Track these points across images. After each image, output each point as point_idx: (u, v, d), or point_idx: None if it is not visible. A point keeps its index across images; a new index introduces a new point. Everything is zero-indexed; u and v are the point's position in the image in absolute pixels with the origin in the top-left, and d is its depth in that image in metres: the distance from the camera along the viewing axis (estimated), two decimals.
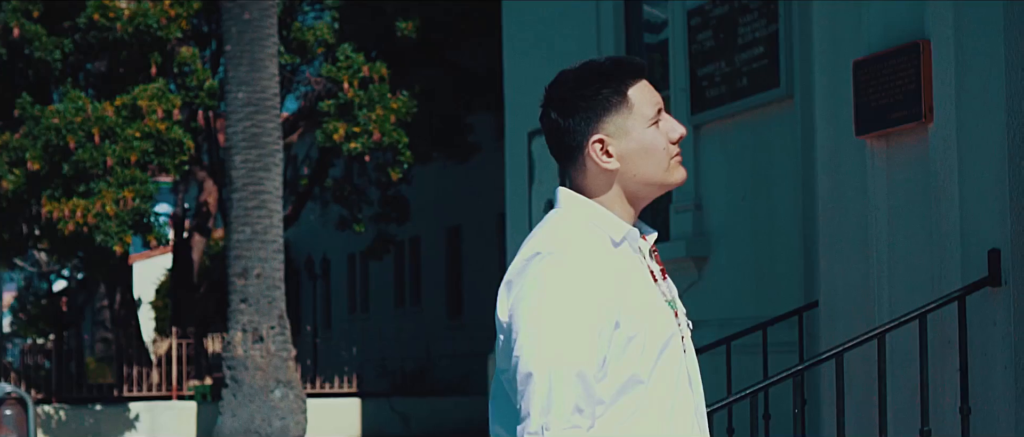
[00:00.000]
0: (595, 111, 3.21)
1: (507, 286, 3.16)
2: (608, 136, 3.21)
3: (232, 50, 19.52)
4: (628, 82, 3.23)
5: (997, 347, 7.10)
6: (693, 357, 3.30)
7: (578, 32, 14.40)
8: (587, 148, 3.21)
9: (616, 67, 3.26)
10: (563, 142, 3.24)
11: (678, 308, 3.30)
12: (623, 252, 3.20)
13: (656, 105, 3.25)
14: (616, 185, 3.23)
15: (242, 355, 19.51)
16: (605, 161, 3.21)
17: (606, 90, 3.22)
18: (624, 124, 3.21)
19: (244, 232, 19.48)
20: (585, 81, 3.24)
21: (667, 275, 3.37)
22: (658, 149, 3.23)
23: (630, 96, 3.23)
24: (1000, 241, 7.11)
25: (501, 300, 3.17)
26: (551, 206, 3.29)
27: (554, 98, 3.26)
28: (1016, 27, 7.16)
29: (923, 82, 7.50)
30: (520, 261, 3.16)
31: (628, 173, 3.22)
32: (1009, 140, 7.10)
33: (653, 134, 3.23)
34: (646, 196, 3.26)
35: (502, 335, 3.15)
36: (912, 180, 7.67)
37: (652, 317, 3.16)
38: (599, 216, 3.21)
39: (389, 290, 33.47)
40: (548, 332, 3.05)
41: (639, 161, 3.22)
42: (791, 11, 11.27)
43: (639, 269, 3.22)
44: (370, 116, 21.82)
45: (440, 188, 28.79)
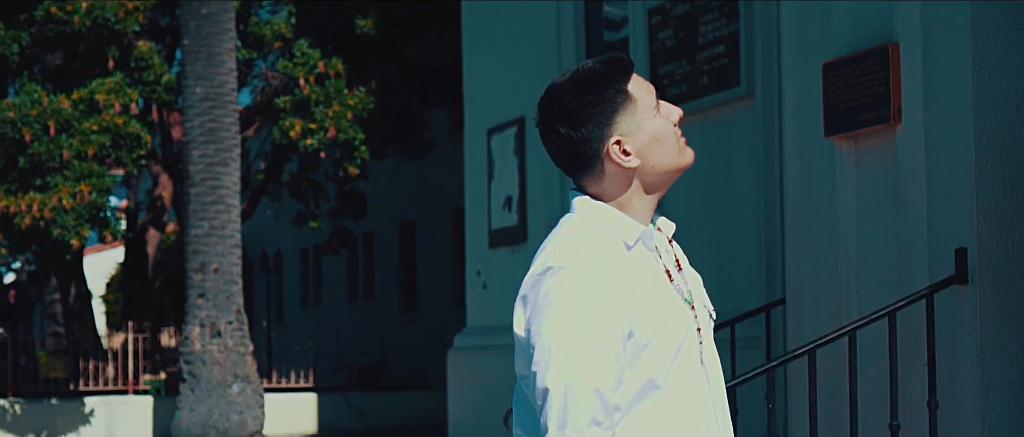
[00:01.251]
0: (606, 114, 3.19)
1: (522, 301, 3.18)
2: (623, 135, 3.20)
3: (190, 45, 19.52)
4: (625, 78, 3.23)
5: (964, 343, 7.27)
6: (711, 349, 3.31)
7: (538, 29, 14.48)
8: (605, 152, 3.20)
9: (611, 67, 3.24)
10: (578, 153, 3.22)
11: (696, 301, 3.29)
12: (637, 254, 3.21)
13: (653, 93, 3.26)
14: (636, 182, 3.23)
15: (200, 350, 19.53)
16: (626, 160, 3.20)
17: (610, 91, 3.20)
18: (634, 120, 3.20)
19: (202, 227, 19.50)
20: (586, 88, 3.21)
21: (688, 265, 3.37)
22: (668, 135, 3.23)
23: (631, 91, 3.22)
24: (967, 240, 7.28)
25: (516, 315, 3.19)
26: (507, 202, 3.34)
27: (558, 113, 3.23)
28: (983, 31, 7.33)
29: (892, 84, 7.65)
30: (532, 276, 3.18)
31: (647, 166, 3.21)
32: (976, 142, 7.27)
33: (660, 122, 3.23)
34: (664, 185, 3.26)
35: (518, 346, 3.18)
36: (880, 180, 7.82)
37: (666, 320, 3.18)
38: (613, 220, 3.21)
39: (342, 284, 33.48)
40: (562, 348, 3.07)
41: (655, 152, 3.21)
42: (752, 10, 11.38)
43: (653, 270, 3.23)
44: (326, 112, 21.86)
45: (394, 183, 28.84)
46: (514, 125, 14.94)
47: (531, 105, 12.52)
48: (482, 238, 15.67)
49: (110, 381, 24.15)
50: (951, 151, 7.40)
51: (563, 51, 14.00)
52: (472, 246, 16.07)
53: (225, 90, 19.55)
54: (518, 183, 14.90)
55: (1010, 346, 7.24)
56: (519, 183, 14.87)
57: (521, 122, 14.77)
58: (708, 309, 3.35)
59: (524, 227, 14.74)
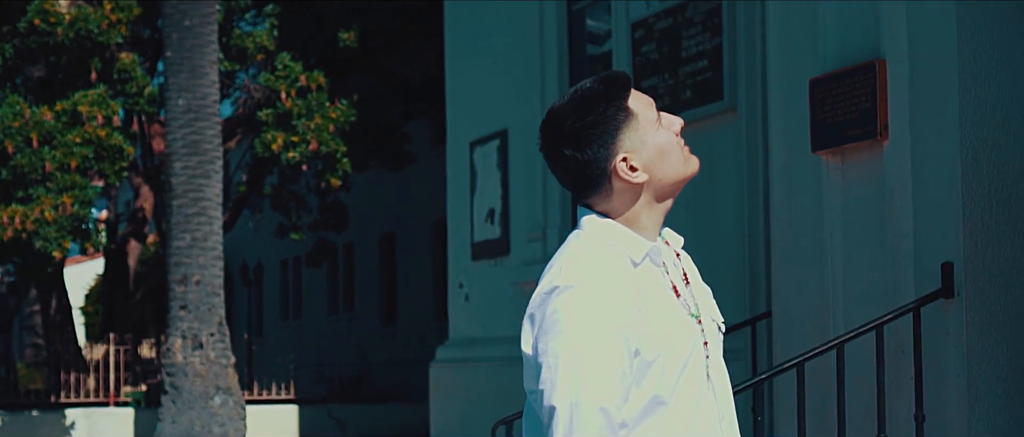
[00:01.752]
0: (610, 133, 3.20)
1: (529, 319, 3.20)
2: (629, 152, 3.21)
3: (173, 56, 19.54)
4: (624, 95, 3.23)
5: (950, 356, 7.36)
6: (718, 363, 3.34)
7: (521, 43, 14.52)
8: (613, 170, 3.22)
9: (609, 85, 3.24)
10: (585, 174, 3.23)
11: (703, 314, 3.32)
12: (644, 271, 3.23)
13: (653, 106, 3.28)
14: (644, 196, 3.24)
15: (182, 362, 19.54)
16: (634, 176, 3.21)
17: (611, 109, 3.20)
18: (638, 135, 3.21)
19: (184, 239, 19.50)
20: (587, 109, 3.22)
21: (697, 278, 3.40)
22: (673, 146, 3.24)
23: (632, 107, 3.23)
24: (953, 254, 7.37)
25: (524, 333, 3.21)
26: (490, 215, 3.36)
27: (561, 135, 3.24)
28: (969, 48, 7.43)
29: (878, 100, 7.74)
30: (540, 294, 3.20)
31: (655, 179, 3.23)
32: (962, 157, 7.36)
33: (664, 134, 3.24)
34: (671, 196, 3.27)
35: (526, 363, 3.21)
36: (867, 195, 7.91)
37: (672, 337, 3.21)
38: (620, 238, 3.24)
39: (322, 296, 33.49)
40: (568, 367, 3.11)
41: (661, 164, 3.23)
42: (735, 26, 11.44)
43: (660, 286, 3.25)
44: (308, 125, 21.89)
45: (374, 195, 28.87)
46: (497, 138, 14.99)
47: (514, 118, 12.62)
48: (465, 250, 15.72)
49: (91, 393, 24.14)
50: (937, 166, 7.49)
51: (546, 65, 14.06)
52: (455, 258, 16.11)
53: (208, 102, 19.57)
54: (501, 196, 14.95)
55: (996, 359, 7.33)
56: (502, 196, 14.93)
57: (504, 135, 14.82)
58: (717, 322, 3.38)
59: (507, 239, 14.79)
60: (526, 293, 14.23)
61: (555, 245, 13.84)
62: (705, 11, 11.84)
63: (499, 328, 14.80)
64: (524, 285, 14.15)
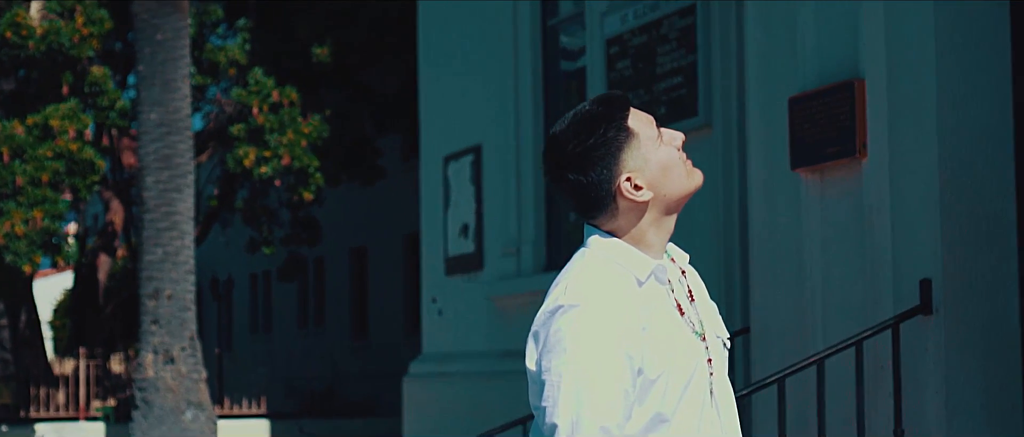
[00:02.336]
0: (613, 154, 3.24)
1: (533, 337, 3.25)
2: (633, 171, 3.25)
3: (145, 70, 19.51)
4: (623, 114, 3.26)
5: (929, 372, 7.43)
6: (722, 380, 3.37)
7: (496, 59, 14.54)
8: (618, 190, 3.26)
9: (607, 106, 3.28)
10: (591, 196, 3.28)
11: (708, 331, 3.35)
12: (649, 289, 3.27)
13: (653, 123, 3.32)
14: (650, 213, 3.28)
15: (153, 376, 19.49)
16: (639, 194, 3.25)
17: (611, 131, 3.24)
18: (640, 154, 3.25)
19: (156, 253, 19.46)
20: (587, 132, 3.25)
21: (703, 294, 3.44)
22: (675, 162, 3.29)
23: (632, 126, 3.26)
24: (931, 271, 7.44)
25: (528, 350, 3.25)
26: (463, 230, 3.39)
27: (564, 160, 3.28)
28: (947, 67, 7.51)
29: (857, 119, 7.82)
30: (544, 312, 3.24)
31: (660, 196, 3.27)
32: (941, 175, 7.44)
33: (665, 151, 3.29)
34: (676, 211, 3.32)
35: (530, 379, 3.26)
36: (846, 212, 7.98)
37: (676, 356, 3.24)
38: (625, 257, 3.27)
39: (292, 310, 33.46)
40: (571, 385, 3.15)
41: (665, 181, 3.27)
42: (710, 43, 11.49)
43: (664, 305, 3.29)
44: (281, 140, 21.89)
45: (345, 209, 28.87)
46: (471, 153, 15.01)
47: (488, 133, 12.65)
48: (438, 265, 15.73)
49: (61, 407, 24.06)
50: (916, 184, 7.56)
51: (520, 80, 14.09)
52: (428, 273, 16.12)
53: (180, 116, 19.54)
54: (474, 211, 14.98)
55: (974, 375, 7.40)
56: (475, 211, 14.95)
57: (478, 150, 14.84)
58: (721, 338, 3.41)
59: (481, 254, 14.81)
60: (500, 308, 14.28)
61: (529, 260, 13.88)
62: (680, 28, 11.89)
63: (473, 343, 14.84)
64: (498, 300, 14.20)
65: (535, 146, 13.88)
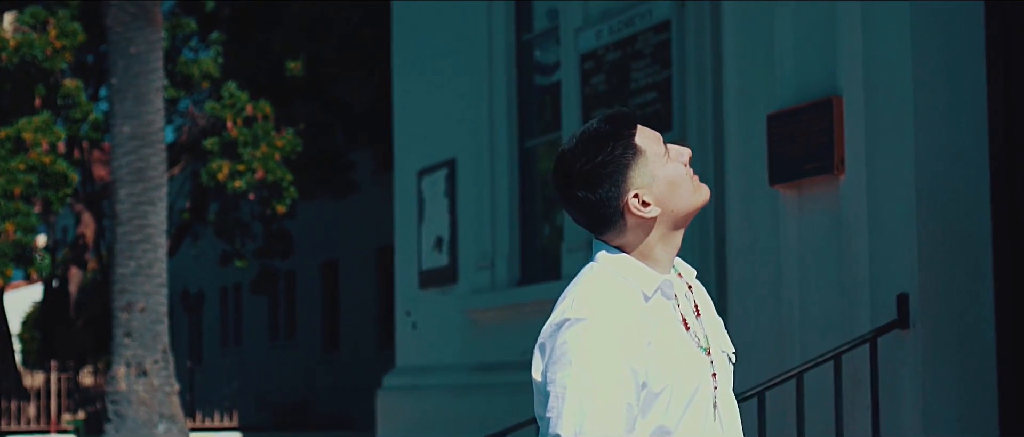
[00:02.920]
0: (620, 171, 3.29)
1: (539, 348, 3.32)
2: (640, 188, 3.30)
3: (118, 83, 19.50)
4: (630, 132, 3.32)
5: (906, 386, 7.54)
6: (726, 394, 3.43)
7: (470, 73, 14.57)
8: (625, 207, 3.31)
9: (614, 124, 3.33)
10: (599, 213, 3.33)
11: (713, 346, 3.40)
12: (655, 304, 3.33)
13: (660, 140, 3.37)
14: (658, 229, 3.34)
15: (125, 389, 19.47)
16: (646, 211, 3.30)
17: (619, 149, 3.29)
18: (648, 171, 3.30)
19: (129, 266, 19.45)
20: (595, 150, 3.31)
21: (709, 309, 3.48)
22: (682, 177, 3.33)
23: (639, 143, 3.32)
24: (908, 286, 7.55)
25: (535, 361, 3.32)
26: (438, 243, 3.42)
27: (573, 177, 3.34)
28: (924, 85, 7.62)
29: (835, 135, 7.92)
30: (551, 325, 3.30)
31: (667, 212, 3.32)
32: (917, 191, 7.55)
33: (673, 167, 3.33)
34: (683, 226, 3.37)
35: (536, 389, 3.33)
36: (823, 228, 8.07)
37: (680, 370, 3.30)
38: (632, 271, 3.33)
39: (263, 324, 33.43)
40: (575, 397, 3.22)
41: (673, 197, 3.31)
42: (685, 58, 11.57)
43: (670, 319, 3.34)
44: (254, 154, 21.91)
45: (317, 222, 28.88)
46: (445, 166, 15.06)
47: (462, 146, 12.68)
48: (412, 278, 15.77)
49: (31, 420, 24.00)
50: (893, 200, 7.67)
51: (495, 94, 14.14)
52: (402, 286, 16.16)
53: (153, 129, 19.54)
54: (449, 224, 15.02)
55: (950, 388, 7.51)
56: (450, 224, 15.00)
57: (452, 164, 14.89)
58: (726, 353, 3.47)
59: (455, 267, 14.86)
60: (474, 321, 14.33)
61: (504, 274, 13.94)
62: (654, 44, 11.96)
63: (447, 356, 14.88)
64: (472, 313, 14.25)
65: (509, 160, 13.94)
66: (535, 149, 13.85)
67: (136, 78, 19.40)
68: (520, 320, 13.52)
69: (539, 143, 13.77)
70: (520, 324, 13.53)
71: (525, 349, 13.45)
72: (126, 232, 19.43)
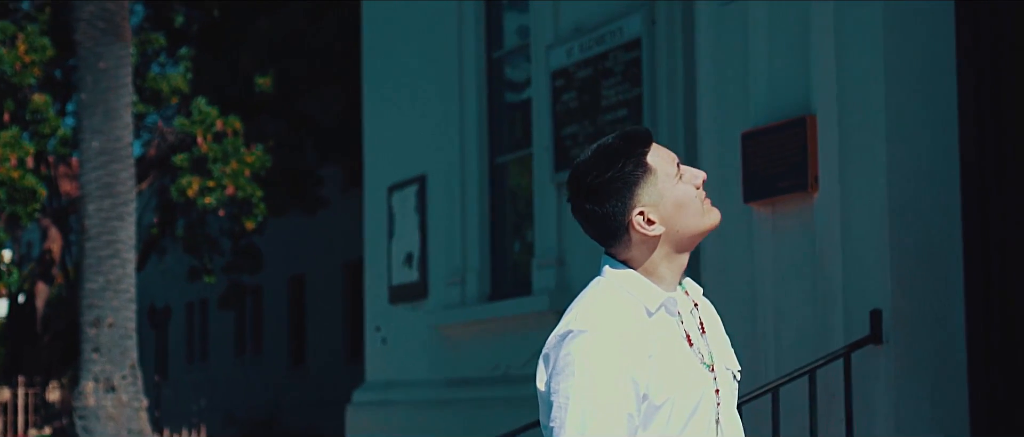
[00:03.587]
0: (628, 188, 3.38)
1: (544, 359, 3.42)
2: (646, 206, 3.38)
3: (87, 99, 19.50)
4: (643, 150, 3.40)
5: (879, 400, 7.66)
6: (729, 411, 3.51)
7: (440, 89, 14.59)
8: (631, 224, 3.40)
9: (628, 141, 3.41)
10: (606, 227, 3.42)
11: (717, 363, 3.49)
12: (659, 319, 3.42)
13: (674, 161, 3.43)
14: (662, 247, 3.42)
15: (94, 405, 19.45)
16: (650, 229, 3.39)
17: (629, 166, 3.37)
18: (656, 190, 3.38)
19: (97, 281, 19.44)
20: (606, 165, 3.39)
21: (716, 327, 3.57)
22: (691, 199, 3.41)
23: (650, 162, 3.37)
24: (881, 302, 7.67)
25: (539, 371, 3.43)
26: (408, 259, 3.50)
27: (583, 190, 3.42)
28: (896, 104, 7.76)
29: (809, 154, 8.05)
30: (555, 336, 3.40)
31: (672, 231, 3.40)
32: (890, 209, 7.68)
33: (682, 188, 3.40)
34: (690, 246, 3.45)
35: (540, 400, 3.43)
36: (797, 245, 8.19)
37: (682, 384, 3.39)
38: (637, 287, 3.42)
39: (229, 339, 33.38)
40: (577, 408, 3.32)
41: (679, 217, 3.39)
42: (655, 76, 11.66)
43: (673, 335, 3.43)
44: (224, 170, 21.92)
45: (284, 237, 28.86)
46: (415, 183, 15.09)
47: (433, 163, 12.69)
48: (382, 294, 15.81)
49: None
50: (866, 217, 7.80)
51: (465, 111, 14.18)
52: (372, 302, 16.19)
53: (122, 144, 19.54)
54: (419, 240, 15.06)
55: (923, 402, 7.63)
56: (420, 240, 15.04)
57: (422, 180, 14.92)
58: (731, 370, 3.55)
59: (425, 283, 14.90)
60: (444, 336, 14.39)
61: (474, 289, 14.00)
62: (625, 62, 12.04)
63: (417, 371, 14.91)
64: (443, 328, 14.29)
65: (480, 176, 14.00)
66: (506, 165, 13.92)
67: (105, 93, 19.39)
68: (490, 336, 13.59)
69: (510, 159, 13.84)
70: (490, 340, 13.60)
71: (495, 364, 13.53)
72: (95, 247, 19.41)
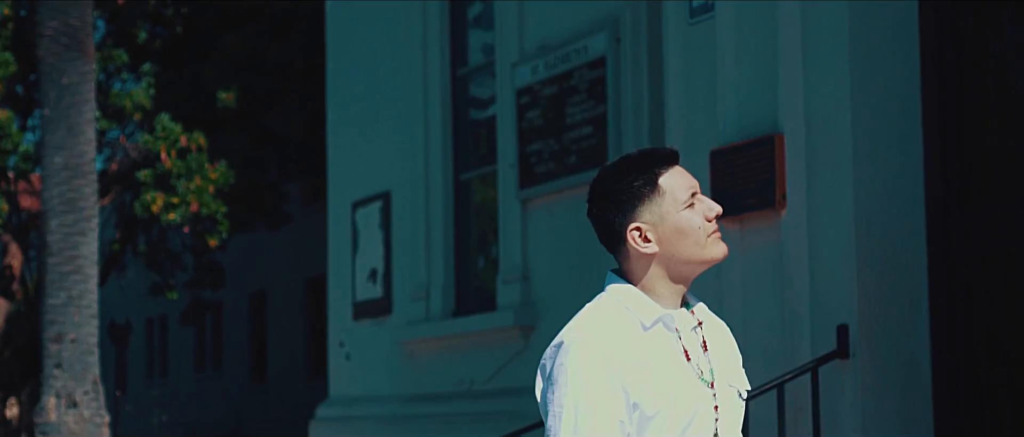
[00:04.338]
0: (631, 202, 3.50)
1: (541, 370, 3.55)
2: (645, 223, 3.50)
3: (50, 114, 19.46)
4: (658, 171, 3.51)
5: (846, 414, 7.80)
6: (731, 428, 3.60)
7: (405, 107, 14.63)
8: (626, 236, 3.52)
9: (645, 159, 3.53)
10: (606, 233, 3.55)
11: (719, 380, 3.58)
12: (655, 334, 3.52)
13: (689, 189, 3.53)
14: (657, 267, 3.52)
15: (55, 420, 19.40)
16: (644, 246, 3.50)
17: (638, 182, 3.49)
18: (659, 210, 3.49)
19: (60, 297, 19.40)
20: (619, 176, 3.53)
21: (724, 346, 3.67)
22: (693, 229, 3.51)
23: (661, 184, 3.49)
24: (848, 318, 7.82)
25: (537, 382, 3.56)
26: (372, 275, 3.57)
27: (596, 194, 3.56)
28: (862, 123, 7.92)
29: (776, 172, 8.18)
30: (551, 348, 3.53)
31: (668, 254, 3.51)
32: (856, 225, 7.83)
33: (688, 216, 3.50)
34: (690, 273, 3.56)
35: (540, 408, 3.55)
36: (765, 262, 8.32)
37: (674, 397, 3.49)
38: (635, 302, 3.53)
39: (189, 355, 33.35)
40: (568, 417, 3.44)
41: (677, 242, 3.50)
42: (620, 94, 11.76)
43: (670, 349, 3.53)
44: (188, 186, 21.94)
45: (245, 253, 28.88)
46: (379, 199, 15.14)
47: (397, 180, 12.69)
48: (346, 309, 15.84)
49: None
50: (832, 234, 7.94)
51: (430, 127, 14.21)
52: (335, 317, 16.22)
53: (85, 160, 19.52)
54: (383, 256, 15.11)
55: (889, 415, 7.77)
56: (384, 256, 15.08)
57: (387, 196, 14.96)
58: (735, 388, 3.64)
59: (389, 299, 14.95)
60: (409, 352, 14.45)
61: (438, 305, 14.05)
62: (590, 80, 12.13)
63: (381, 387, 14.95)
64: (407, 344, 14.34)
65: (444, 193, 14.06)
66: (470, 182, 14.00)
67: (68, 109, 19.37)
68: (454, 351, 13.66)
69: (474, 176, 13.90)
70: (454, 355, 13.67)
71: (460, 380, 13.60)
72: (57, 263, 19.38)
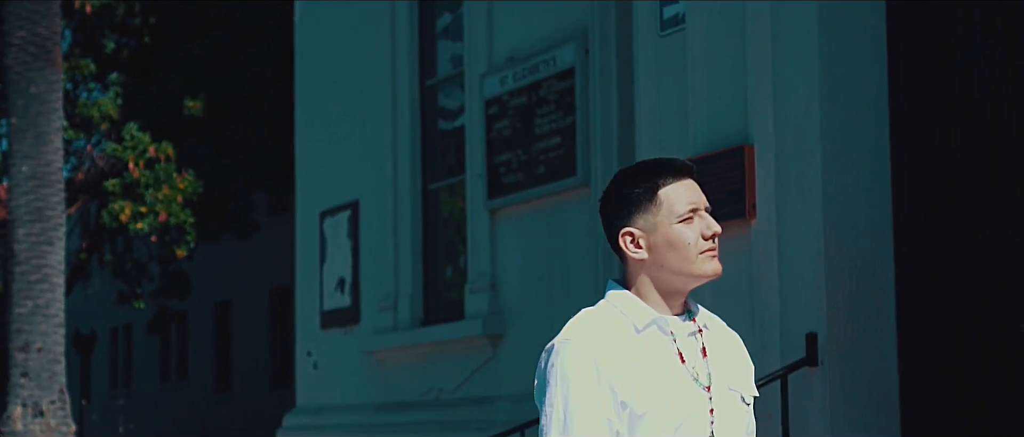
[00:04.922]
0: (628, 206, 3.63)
1: (537, 371, 3.69)
2: (638, 230, 3.63)
3: (18, 123, 19.50)
4: (661, 182, 3.63)
5: (814, 420, 7.91)
6: (728, 430, 3.67)
7: (373, 116, 14.65)
8: (619, 239, 3.66)
9: (654, 167, 3.66)
10: (607, 233, 3.70)
11: (716, 384, 3.67)
12: (648, 337, 3.63)
13: (690, 204, 3.63)
14: (647, 274, 3.64)
15: (22, 429, 19.41)
16: (634, 252, 3.63)
17: (639, 189, 3.61)
18: (653, 219, 3.62)
19: (26, 306, 19.42)
20: (626, 181, 3.66)
21: (728, 352, 3.78)
22: (683, 243, 3.62)
23: (661, 194, 3.61)
24: (817, 325, 7.93)
25: (536, 384, 3.69)
26: (340, 284, 3.65)
27: (604, 193, 3.71)
28: (832, 135, 8.03)
29: (747, 182, 8.29)
30: (545, 351, 3.67)
31: (657, 264, 3.63)
32: (825, 235, 7.94)
33: (680, 230, 3.62)
34: (680, 285, 3.67)
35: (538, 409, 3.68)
36: (735, 270, 8.42)
37: (664, 397, 3.59)
38: (629, 306, 3.66)
39: (154, 364, 33.30)
40: (558, 415, 3.57)
41: (666, 254, 3.62)
42: (589, 105, 11.84)
43: (664, 352, 3.64)
44: (157, 195, 21.95)
45: (210, 263, 28.85)
46: (348, 208, 15.16)
47: (365, 189, 12.71)
48: (314, 319, 15.86)
49: None
50: (802, 243, 8.05)
51: (398, 137, 14.23)
52: (303, 327, 16.23)
53: (52, 169, 19.55)
54: (351, 265, 15.13)
55: (857, 423, 7.89)
56: (352, 265, 15.11)
57: (355, 206, 14.99)
58: (737, 392, 3.73)
59: (357, 308, 14.97)
60: (377, 361, 14.48)
61: (407, 314, 14.09)
62: (558, 90, 12.20)
63: (348, 396, 14.98)
64: (375, 353, 14.37)
65: (412, 202, 14.10)
66: (438, 192, 14.05)
67: (36, 118, 19.39)
68: (422, 360, 13.71)
69: (442, 186, 13.96)
70: (422, 364, 13.71)
71: (428, 389, 13.65)
72: (24, 272, 19.40)
